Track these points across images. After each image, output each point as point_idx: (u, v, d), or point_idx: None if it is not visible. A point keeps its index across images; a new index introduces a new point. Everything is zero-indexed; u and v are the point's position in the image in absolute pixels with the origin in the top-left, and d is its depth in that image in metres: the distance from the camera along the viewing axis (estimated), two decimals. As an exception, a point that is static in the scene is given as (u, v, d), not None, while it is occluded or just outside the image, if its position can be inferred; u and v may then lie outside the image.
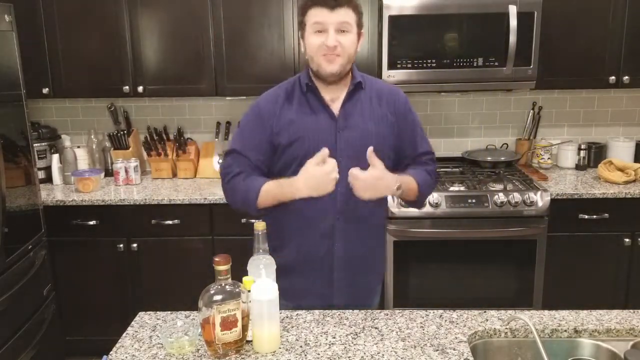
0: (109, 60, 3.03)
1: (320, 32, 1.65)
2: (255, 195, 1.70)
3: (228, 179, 1.76)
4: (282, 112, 1.73)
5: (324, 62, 1.66)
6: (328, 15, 1.63)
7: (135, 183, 3.16)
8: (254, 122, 1.76)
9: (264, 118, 1.74)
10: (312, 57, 1.69)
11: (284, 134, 1.72)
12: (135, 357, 1.42)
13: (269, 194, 1.69)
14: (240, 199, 1.74)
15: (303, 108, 1.74)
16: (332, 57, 1.65)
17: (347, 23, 1.64)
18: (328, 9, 1.62)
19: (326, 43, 1.63)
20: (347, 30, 1.65)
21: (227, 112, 3.41)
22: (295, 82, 1.79)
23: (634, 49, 2.95)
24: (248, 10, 2.95)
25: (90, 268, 2.99)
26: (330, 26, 1.63)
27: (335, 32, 1.63)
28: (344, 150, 1.71)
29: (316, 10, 1.64)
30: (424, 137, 1.88)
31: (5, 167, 2.36)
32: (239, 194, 1.74)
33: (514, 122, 3.42)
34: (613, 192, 2.82)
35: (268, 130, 1.73)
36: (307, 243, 1.77)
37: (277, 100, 1.76)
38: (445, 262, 2.88)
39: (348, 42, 1.66)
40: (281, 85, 1.81)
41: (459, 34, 2.89)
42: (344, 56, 1.66)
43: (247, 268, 1.52)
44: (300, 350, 1.43)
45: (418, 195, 1.81)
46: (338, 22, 1.63)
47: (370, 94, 1.78)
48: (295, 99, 1.75)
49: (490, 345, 1.53)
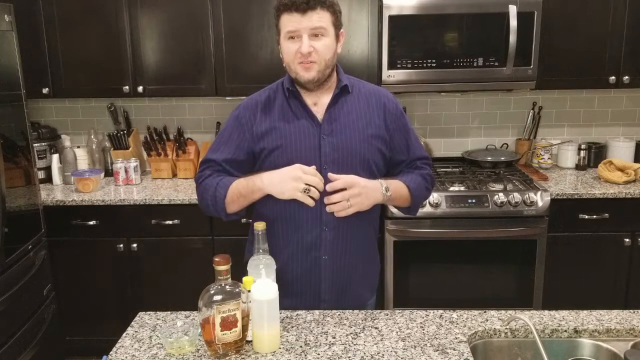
0: (109, 60, 3.03)
1: (293, 38, 1.60)
2: (224, 192, 1.65)
3: (199, 182, 1.73)
4: (262, 119, 1.69)
5: (301, 70, 1.61)
6: (300, 21, 1.56)
7: (135, 183, 3.16)
8: (231, 128, 1.73)
9: (243, 124, 1.71)
10: (288, 64, 1.64)
11: (265, 141, 1.68)
12: (135, 357, 1.42)
13: (237, 189, 1.65)
14: (210, 198, 1.68)
15: (285, 114, 1.69)
16: (308, 65, 1.60)
17: (322, 27, 1.58)
18: (300, 13, 1.55)
19: (300, 50, 1.58)
20: (322, 35, 1.59)
21: (227, 112, 3.34)
22: (277, 87, 1.74)
23: (634, 49, 2.95)
24: (248, 10, 2.95)
25: (90, 268, 2.99)
26: (304, 32, 1.57)
27: (309, 38, 1.58)
28: (328, 155, 1.66)
29: (288, 16, 1.57)
30: (417, 142, 1.82)
31: (5, 167, 2.36)
32: (209, 192, 1.68)
33: (514, 122, 3.42)
34: (613, 192, 2.82)
35: (247, 136, 1.70)
36: (293, 255, 1.72)
37: (257, 106, 1.72)
38: (445, 262, 2.88)
39: (323, 47, 1.59)
40: (262, 92, 1.76)
41: (459, 34, 2.89)
42: (320, 62, 1.60)
43: (247, 268, 1.52)
44: (300, 351, 1.43)
45: (411, 200, 1.76)
46: (311, 27, 1.56)
47: (358, 97, 1.73)
48: (276, 105, 1.71)
49: (490, 345, 1.53)
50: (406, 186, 1.74)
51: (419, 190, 1.78)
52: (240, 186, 1.66)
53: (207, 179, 1.71)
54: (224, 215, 1.70)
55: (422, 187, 1.79)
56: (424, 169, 1.82)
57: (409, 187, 1.74)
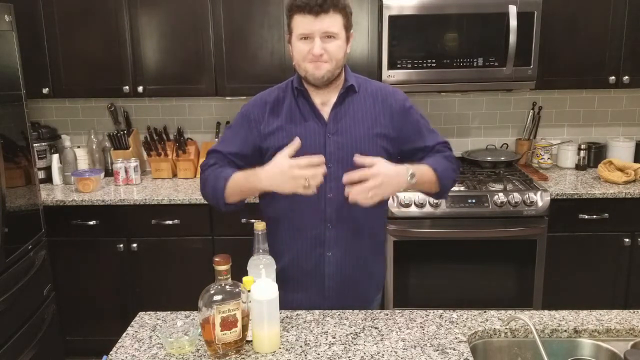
0: (109, 60, 3.03)
1: (306, 39, 1.61)
2: (223, 184, 1.65)
3: (203, 170, 1.75)
4: (270, 120, 1.71)
5: (311, 68, 1.63)
6: (313, 23, 1.57)
7: (135, 183, 3.16)
8: (239, 124, 1.75)
9: (251, 121, 1.73)
10: (298, 63, 1.65)
11: (272, 140, 1.69)
12: (135, 357, 1.42)
13: (236, 183, 1.65)
14: (211, 189, 1.69)
15: (293, 115, 1.71)
16: (319, 64, 1.61)
17: (334, 30, 1.59)
18: (313, 15, 1.57)
19: (312, 52, 1.60)
20: (334, 37, 1.61)
21: (227, 112, 3.41)
22: (287, 86, 1.76)
23: (634, 49, 2.95)
24: (248, 10, 2.95)
25: (90, 268, 2.99)
26: (316, 34, 1.58)
27: (321, 39, 1.60)
28: (333, 154, 1.67)
29: (301, 17, 1.59)
30: (432, 130, 1.82)
31: (5, 167, 2.36)
32: (210, 182, 1.69)
33: (514, 122, 3.42)
34: (613, 192, 2.82)
35: (255, 133, 1.71)
36: (298, 252, 1.74)
37: (266, 105, 1.73)
38: (445, 262, 2.88)
39: (335, 48, 1.61)
40: (271, 90, 1.77)
41: (459, 34, 2.89)
42: (331, 62, 1.62)
43: (247, 268, 1.52)
44: (300, 350, 1.43)
45: (440, 184, 1.72)
46: (323, 29, 1.58)
47: (364, 96, 1.74)
48: (285, 105, 1.72)
49: (490, 345, 1.53)
50: (432, 169, 1.70)
51: (447, 172, 1.74)
52: (240, 183, 1.66)
53: (210, 168, 1.73)
54: (223, 205, 1.70)
55: (449, 169, 1.75)
56: (445, 152, 1.80)
57: (435, 170, 1.70)
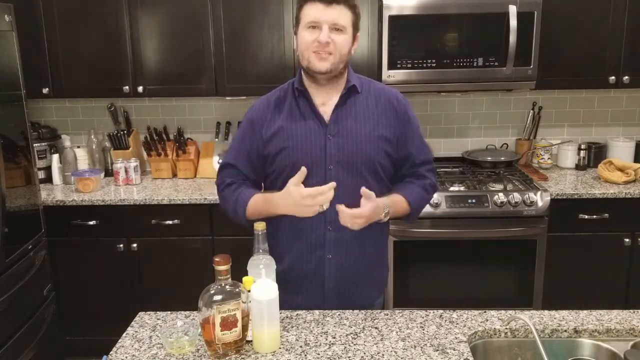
0: (109, 60, 3.03)
1: (313, 28, 1.61)
2: (243, 209, 1.71)
3: (220, 189, 1.79)
4: (273, 119, 1.71)
5: (315, 59, 1.62)
6: (323, 11, 1.58)
7: (135, 183, 3.16)
8: (245, 131, 1.75)
9: (255, 125, 1.73)
10: (302, 52, 1.64)
11: (273, 141, 1.70)
12: (135, 357, 1.42)
13: (256, 207, 1.70)
14: (231, 210, 1.75)
15: (293, 114, 1.71)
16: (324, 55, 1.61)
17: (342, 23, 1.60)
18: (324, 4, 1.58)
19: (318, 39, 1.59)
20: (342, 30, 1.61)
21: (227, 112, 3.41)
22: (288, 87, 1.76)
23: (634, 49, 2.95)
24: (248, 10, 2.95)
25: (90, 268, 2.99)
26: (325, 23, 1.59)
27: (329, 30, 1.60)
28: (333, 156, 1.67)
29: (312, 5, 1.60)
30: (423, 144, 1.83)
31: (5, 167, 2.36)
32: (229, 205, 1.75)
33: (514, 122, 3.42)
34: (613, 192, 2.82)
35: (259, 137, 1.72)
36: (298, 254, 1.74)
37: (268, 106, 1.74)
38: (445, 262, 2.88)
39: (341, 41, 1.61)
40: (274, 91, 1.78)
41: (459, 33, 2.89)
42: (335, 55, 1.61)
43: (247, 268, 1.52)
44: (300, 351, 1.43)
45: (408, 213, 1.79)
46: (333, 20, 1.59)
47: (367, 97, 1.73)
48: (286, 105, 1.72)
49: (490, 345, 1.53)
50: (407, 202, 1.76)
51: (419, 203, 1.81)
52: (259, 208, 1.70)
53: (226, 189, 1.77)
54: (245, 222, 1.74)
55: (423, 199, 1.82)
56: (427, 179, 1.82)
57: (409, 202, 1.76)
